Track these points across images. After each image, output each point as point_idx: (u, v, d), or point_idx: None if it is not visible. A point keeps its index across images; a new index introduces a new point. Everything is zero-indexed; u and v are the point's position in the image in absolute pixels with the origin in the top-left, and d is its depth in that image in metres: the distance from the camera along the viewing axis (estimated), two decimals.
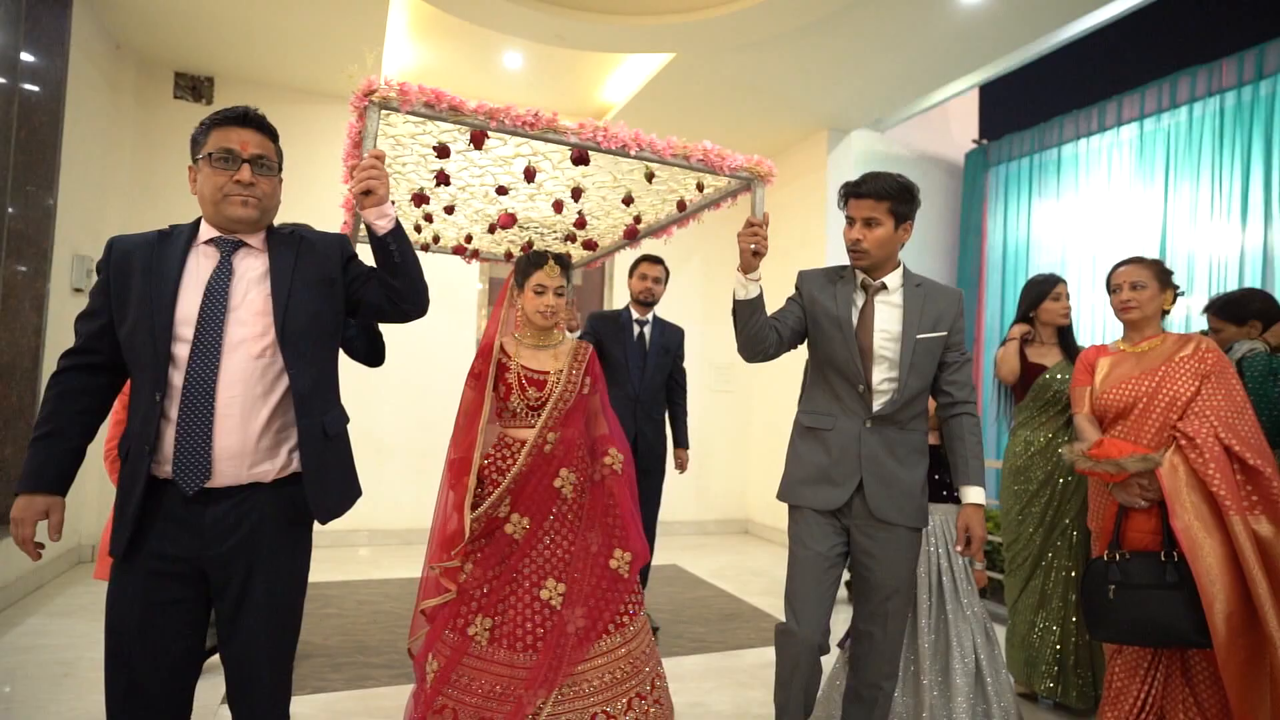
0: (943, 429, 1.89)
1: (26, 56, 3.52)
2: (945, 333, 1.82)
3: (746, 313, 1.71)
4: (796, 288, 1.90)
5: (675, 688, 2.76)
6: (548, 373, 2.07)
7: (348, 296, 1.54)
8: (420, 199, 2.07)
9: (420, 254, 2.76)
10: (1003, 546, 2.86)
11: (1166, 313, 2.27)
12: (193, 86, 4.62)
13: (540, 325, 2.10)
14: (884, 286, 1.82)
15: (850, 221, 1.79)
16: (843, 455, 1.78)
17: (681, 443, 3.48)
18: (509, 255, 2.22)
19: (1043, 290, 2.77)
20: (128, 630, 1.36)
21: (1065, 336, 2.78)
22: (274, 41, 4.15)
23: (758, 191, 1.81)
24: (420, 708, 1.88)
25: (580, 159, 1.66)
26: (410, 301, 1.52)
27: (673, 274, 4.32)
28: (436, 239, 2.65)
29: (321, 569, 4.25)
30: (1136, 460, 2.04)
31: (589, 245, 2.55)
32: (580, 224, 2.27)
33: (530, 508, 2.00)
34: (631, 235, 2.30)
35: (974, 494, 1.80)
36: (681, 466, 3.49)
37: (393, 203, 2.30)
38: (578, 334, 2.96)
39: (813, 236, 5.38)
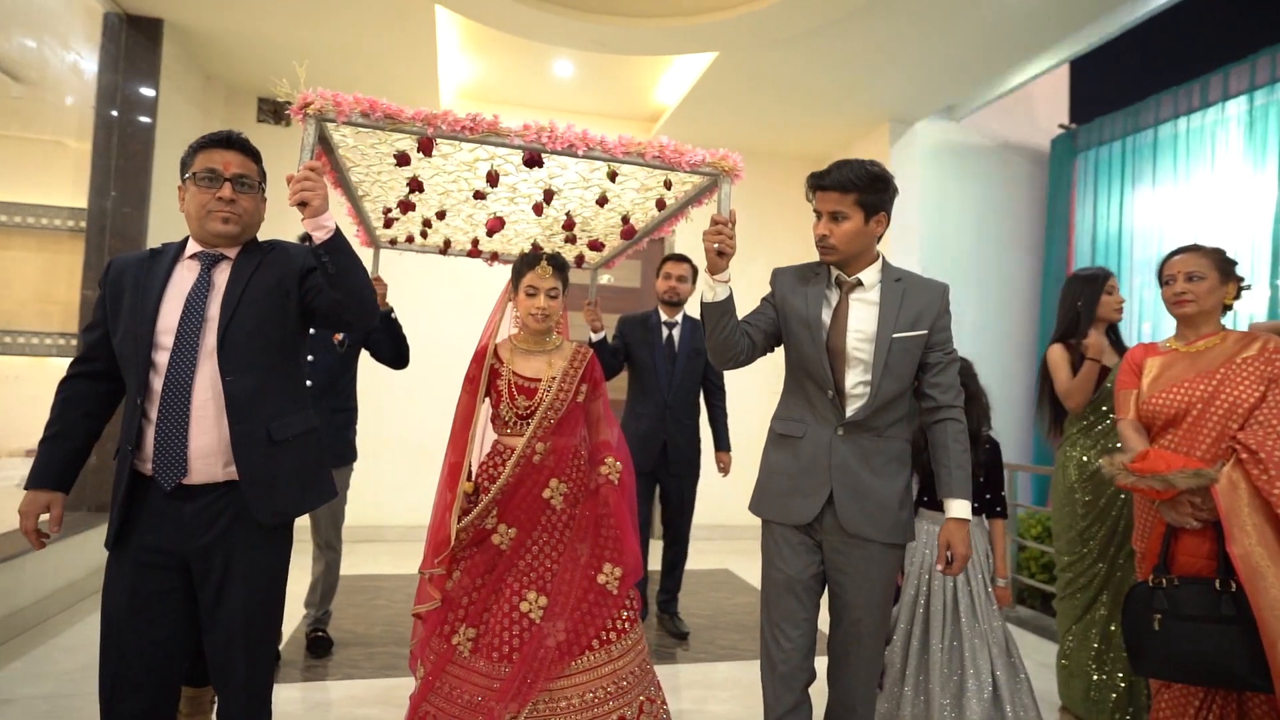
0: (925, 435, 1.74)
1: (125, 90, 3.93)
2: (925, 331, 1.68)
3: (715, 316, 1.63)
4: (770, 286, 1.81)
5: (690, 694, 2.72)
6: (539, 380, 2.03)
7: (304, 305, 1.59)
8: (406, 206, 2.13)
9: (439, 256, 2.86)
10: (1056, 568, 2.62)
11: (1228, 308, 2.01)
12: (274, 110, 5.00)
13: (533, 328, 2.06)
14: (859, 283, 1.70)
15: (817, 215, 1.68)
16: (812, 464, 1.67)
17: (722, 445, 3.40)
18: (522, 255, 2.26)
19: (1099, 286, 2.52)
20: (117, 617, 1.47)
21: (1113, 333, 2.54)
22: (341, 65, 4.42)
23: (724, 188, 1.72)
24: (409, 712, 1.89)
25: (531, 161, 1.65)
26: (351, 312, 1.55)
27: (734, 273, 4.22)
28: (448, 243, 2.71)
29: (382, 562, 4.48)
30: (1188, 475, 1.81)
31: (595, 246, 2.53)
32: (569, 225, 2.27)
33: (518, 518, 1.96)
34: (628, 236, 2.27)
35: (958, 507, 1.65)
36: (724, 470, 3.41)
37: (400, 213, 2.37)
38: (601, 335, 2.95)
39: None
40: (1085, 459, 2.48)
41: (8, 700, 2.50)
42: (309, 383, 2.63)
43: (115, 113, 3.90)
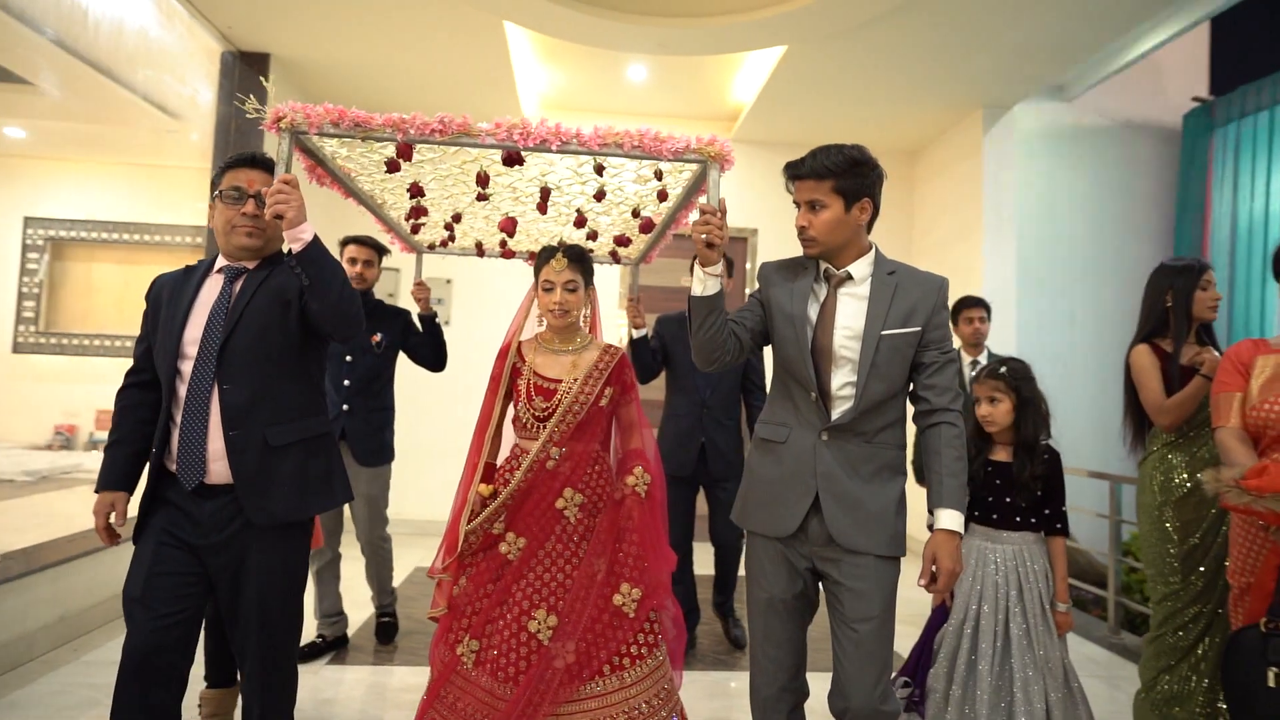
0: (919, 439, 1.58)
1: (238, 118, 4.35)
2: (919, 328, 1.53)
3: (702, 311, 1.54)
4: (758, 281, 1.71)
5: (742, 702, 2.65)
6: (559, 381, 1.96)
7: (303, 315, 1.65)
8: (419, 211, 2.19)
9: (477, 259, 2.92)
10: (1151, 601, 2.29)
11: None
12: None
13: (554, 325, 2.00)
14: (849, 277, 1.57)
15: (796, 206, 1.58)
16: (796, 471, 1.56)
17: None
18: (542, 249, 2.25)
19: (1193, 279, 2.21)
20: (133, 597, 1.56)
21: (1206, 333, 2.21)
22: (427, 84, 4.68)
23: (712, 175, 1.63)
24: (416, 716, 1.87)
25: (510, 159, 1.65)
26: (330, 324, 1.59)
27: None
28: (480, 245, 2.76)
29: None
30: None
31: (621, 241, 2.50)
32: (580, 222, 2.25)
33: (528, 528, 1.88)
34: (646, 229, 2.22)
35: (947, 518, 1.49)
36: None
37: (413, 218, 2.40)
38: (642, 333, 2.92)
39: (969, 229, 4.77)
40: (1178, 478, 2.16)
41: (115, 662, 2.81)
42: (346, 382, 2.76)
43: (230, 139, 4.33)
